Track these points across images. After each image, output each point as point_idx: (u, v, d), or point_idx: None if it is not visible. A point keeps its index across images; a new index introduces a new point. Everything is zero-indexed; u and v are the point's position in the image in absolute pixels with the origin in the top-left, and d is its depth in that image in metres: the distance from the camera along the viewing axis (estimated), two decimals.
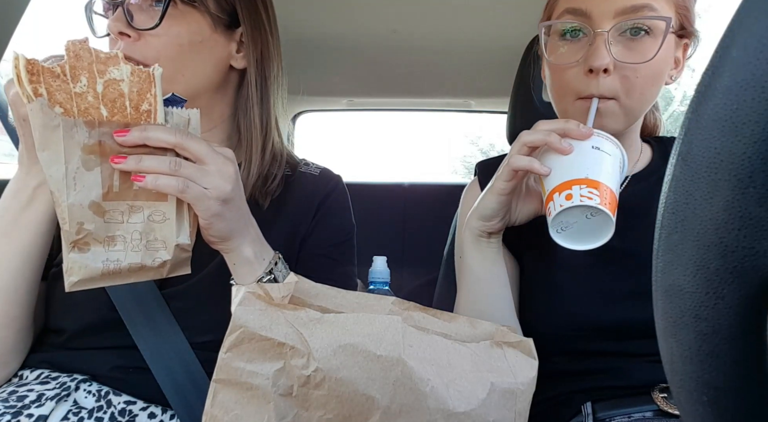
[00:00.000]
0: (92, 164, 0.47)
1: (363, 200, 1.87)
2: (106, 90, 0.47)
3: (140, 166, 0.48)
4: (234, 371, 0.38)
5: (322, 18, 1.22)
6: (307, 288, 0.48)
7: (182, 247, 0.52)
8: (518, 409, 0.46)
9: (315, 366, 0.38)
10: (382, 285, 0.86)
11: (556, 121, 0.58)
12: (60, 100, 0.45)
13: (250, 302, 0.40)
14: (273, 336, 0.38)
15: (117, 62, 0.47)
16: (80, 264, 0.47)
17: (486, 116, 2.03)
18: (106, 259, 0.49)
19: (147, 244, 0.50)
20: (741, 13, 0.20)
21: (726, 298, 0.21)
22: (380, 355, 0.40)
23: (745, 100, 0.19)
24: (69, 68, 0.45)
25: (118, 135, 0.48)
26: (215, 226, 0.53)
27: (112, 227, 0.49)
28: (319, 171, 0.80)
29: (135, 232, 0.50)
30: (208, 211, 0.51)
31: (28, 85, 0.44)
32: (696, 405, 0.24)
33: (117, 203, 0.49)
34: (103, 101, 0.47)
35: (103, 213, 0.48)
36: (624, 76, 0.60)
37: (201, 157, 0.51)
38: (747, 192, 0.19)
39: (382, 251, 0.92)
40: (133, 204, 0.50)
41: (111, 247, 0.49)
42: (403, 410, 0.40)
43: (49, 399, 0.59)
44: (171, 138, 0.49)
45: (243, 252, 0.56)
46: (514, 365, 0.47)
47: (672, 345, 0.23)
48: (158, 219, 0.51)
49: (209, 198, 0.51)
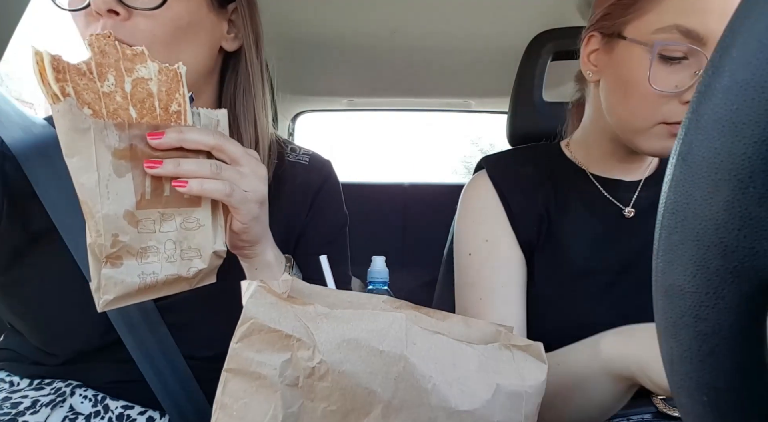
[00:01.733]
0: (124, 169, 0.43)
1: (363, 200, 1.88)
2: (134, 89, 0.44)
3: (179, 170, 0.45)
4: (244, 360, 0.39)
5: (322, 18, 1.22)
6: (300, 288, 0.48)
7: (218, 254, 0.49)
8: (526, 412, 0.46)
9: (319, 359, 0.39)
10: (381, 285, 0.87)
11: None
12: (88, 100, 0.42)
13: (261, 296, 0.40)
14: (281, 328, 0.39)
15: (144, 59, 0.44)
16: (115, 281, 0.44)
17: (486, 116, 2.03)
18: (142, 272, 0.45)
19: (182, 253, 0.47)
20: (741, 13, 0.20)
21: (726, 298, 0.21)
22: (383, 351, 0.40)
23: (745, 100, 0.19)
24: (95, 66, 0.42)
25: (152, 138, 0.44)
26: (252, 230, 0.50)
27: (145, 238, 0.45)
28: (308, 158, 0.74)
29: (168, 241, 0.47)
30: (250, 214, 0.49)
31: (55, 83, 0.40)
32: (696, 405, 0.24)
33: (149, 211, 0.45)
34: (131, 101, 0.44)
35: (136, 223, 0.45)
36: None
37: (238, 158, 0.48)
38: (747, 192, 0.19)
39: (381, 251, 0.93)
40: (165, 212, 0.46)
41: (144, 259, 0.45)
42: (404, 405, 0.41)
43: (44, 406, 0.57)
44: (210, 140, 0.46)
45: (266, 256, 0.54)
46: (523, 368, 0.47)
47: (672, 345, 0.23)
48: (191, 226, 0.48)
49: (250, 201, 0.49)
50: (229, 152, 0.48)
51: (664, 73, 0.56)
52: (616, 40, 0.61)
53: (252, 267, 0.55)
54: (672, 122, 0.57)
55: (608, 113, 0.65)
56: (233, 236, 0.51)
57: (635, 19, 0.58)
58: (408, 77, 1.61)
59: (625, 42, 0.59)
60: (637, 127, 0.60)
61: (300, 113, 2.04)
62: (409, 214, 1.91)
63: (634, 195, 0.68)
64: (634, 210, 0.67)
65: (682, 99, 0.56)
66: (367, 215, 1.88)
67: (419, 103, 1.95)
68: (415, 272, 1.72)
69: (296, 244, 0.71)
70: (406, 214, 1.91)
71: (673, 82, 0.56)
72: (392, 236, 1.89)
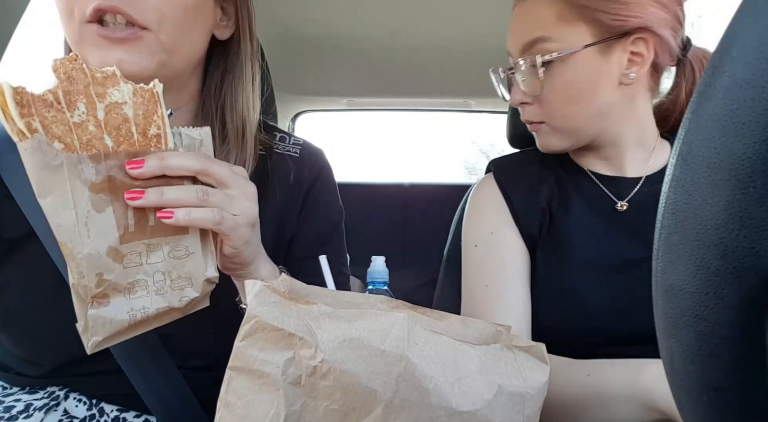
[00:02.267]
0: (103, 204, 0.40)
1: (363, 200, 1.88)
2: (108, 116, 0.40)
3: (164, 199, 0.42)
4: (247, 358, 0.39)
5: (322, 18, 1.22)
6: (298, 289, 0.48)
7: (210, 280, 0.47)
8: (527, 413, 0.46)
9: (321, 358, 0.39)
10: (381, 285, 0.87)
11: None
12: (58, 133, 0.38)
13: (265, 295, 0.41)
14: (284, 327, 0.39)
15: (116, 82, 0.40)
16: (104, 320, 0.41)
17: (486, 115, 2.03)
18: (131, 308, 0.43)
19: (171, 283, 0.45)
20: (741, 13, 0.20)
21: (726, 298, 0.21)
22: (384, 350, 0.40)
23: (745, 100, 0.19)
24: (63, 94, 0.38)
25: (131, 168, 0.41)
26: (244, 253, 0.47)
27: (132, 272, 0.42)
28: (298, 149, 0.69)
29: (157, 273, 0.44)
30: (241, 239, 0.46)
31: (20, 120, 0.36)
32: (696, 405, 0.24)
33: (134, 244, 0.42)
34: (106, 129, 0.40)
35: (121, 258, 0.42)
36: (545, 103, 0.67)
37: (225, 181, 0.45)
38: (747, 192, 0.19)
39: (381, 251, 0.93)
40: (151, 242, 0.43)
41: (132, 295, 0.43)
42: (405, 405, 0.41)
43: (37, 410, 0.56)
44: (194, 164, 0.43)
45: (259, 274, 0.52)
46: (525, 369, 0.47)
47: (672, 345, 0.23)
48: (180, 255, 0.45)
49: (240, 225, 0.45)
50: (216, 176, 0.44)
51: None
52: None
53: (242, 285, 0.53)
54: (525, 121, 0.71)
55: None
56: (224, 259, 0.48)
57: None
58: (408, 77, 1.62)
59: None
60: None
61: (300, 112, 2.04)
62: (409, 214, 1.91)
63: (633, 191, 0.70)
64: (627, 204, 0.70)
65: None
66: (367, 215, 1.88)
67: (419, 103, 1.95)
68: (415, 272, 1.72)
69: (289, 246, 0.68)
70: (406, 214, 1.92)
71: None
72: (392, 236, 1.89)
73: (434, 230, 1.39)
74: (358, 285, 1.26)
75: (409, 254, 1.85)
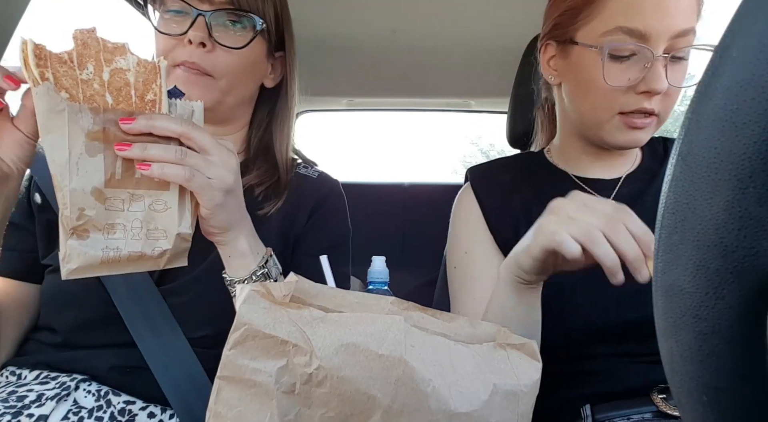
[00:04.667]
0: (95, 150, 0.47)
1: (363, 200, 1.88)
2: (112, 78, 0.47)
3: (145, 154, 0.48)
4: (238, 368, 0.38)
5: (323, 18, 1.22)
6: (306, 288, 0.47)
7: (183, 236, 0.52)
8: (521, 411, 0.46)
9: (317, 364, 0.38)
10: (381, 285, 0.86)
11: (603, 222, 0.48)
12: (66, 85, 0.45)
13: (254, 301, 0.40)
14: (276, 334, 0.38)
15: (124, 52, 0.47)
16: (79, 251, 0.47)
17: (486, 116, 2.03)
18: (106, 246, 0.48)
19: (147, 233, 0.50)
20: (741, 13, 0.20)
21: (726, 298, 0.21)
22: (382, 354, 0.40)
23: (745, 100, 0.19)
24: (76, 55, 0.45)
25: (123, 122, 0.47)
26: (216, 216, 0.53)
27: (113, 215, 0.48)
28: (317, 174, 0.81)
29: (135, 220, 0.49)
30: (212, 201, 0.52)
31: (35, 68, 0.43)
32: (696, 405, 0.24)
33: (119, 190, 0.48)
34: (108, 89, 0.47)
35: (104, 200, 0.48)
36: (667, 96, 0.64)
37: (206, 147, 0.51)
38: (747, 192, 0.19)
39: (381, 251, 0.92)
40: (135, 192, 0.49)
41: (111, 234, 0.48)
42: (404, 410, 0.40)
43: (49, 399, 0.59)
44: (177, 127, 0.49)
45: (238, 245, 0.57)
46: (517, 367, 0.47)
47: (672, 345, 0.23)
48: (160, 208, 0.51)
49: (213, 188, 0.51)
50: (197, 141, 0.51)
51: (616, 69, 0.63)
52: (570, 46, 0.67)
53: (226, 255, 0.58)
54: (628, 111, 0.63)
55: (572, 111, 0.70)
56: (202, 222, 0.55)
57: (583, 25, 0.65)
58: (408, 77, 1.61)
59: (578, 47, 0.66)
60: (598, 120, 0.66)
61: (300, 113, 2.04)
62: (409, 214, 1.91)
63: (613, 192, 0.71)
64: None
65: (636, 90, 0.62)
66: (367, 215, 1.88)
67: (419, 103, 1.95)
68: (415, 272, 1.72)
69: (294, 247, 0.74)
70: (406, 214, 1.91)
71: (626, 76, 0.62)
72: (392, 236, 1.89)
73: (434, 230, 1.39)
74: (359, 285, 1.26)
75: (409, 254, 1.85)
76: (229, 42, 0.65)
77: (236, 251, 0.57)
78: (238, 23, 0.66)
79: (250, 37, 0.66)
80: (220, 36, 0.64)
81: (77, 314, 0.65)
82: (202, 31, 0.63)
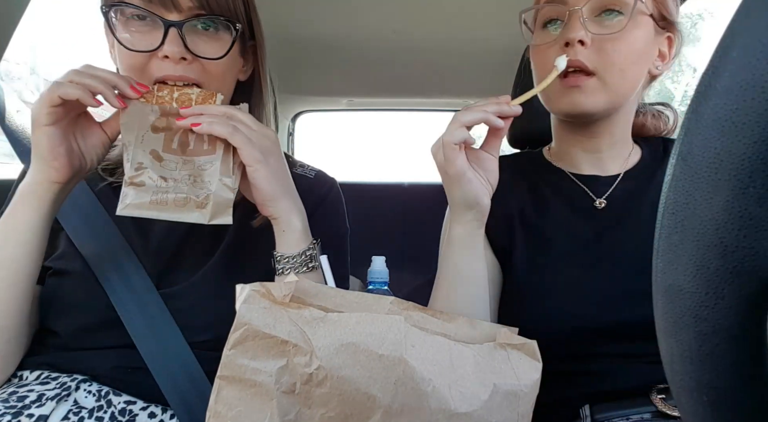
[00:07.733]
0: (159, 131, 0.59)
1: (363, 200, 1.88)
2: (179, 97, 0.61)
3: (199, 119, 0.57)
4: (238, 368, 0.38)
5: (323, 18, 1.22)
6: (307, 288, 0.47)
7: (225, 183, 0.58)
8: (521, 411, 0.46)
9: (317, 364, 0.38)
10: (381, 285, 0.86)
11: (490, 101, 0.61)
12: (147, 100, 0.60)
13: (254, 301, 0.40)
14: (276, 334, 0.38)
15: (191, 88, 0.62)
16: (133, 195, 0.56)
17: None
18: (155, 191, 0.56)
19: (194, 182, 0.58)
20: (741, 13, 0.20)
21: (726, 298, 0.21)
22: (382, 354, 0.40)
23: (745, 100, 0.19)
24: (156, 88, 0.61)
25: (182, 108, 0.59)
26: (260, 172, 0.57)
27: (166, 172, 0.58)
28: (314, 174, 0.80)
29: (185, 176, 0.58)
30: (252, 156, 0.57)
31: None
32: (696, 405, 0.24)
33: (173, 155, 0.59)
34: (175, 102, 0.61)
35: (160, 159, 0.58)
36: (601, 49, 0.63)
37: (246, 121, 0.59)
38: (747, 192, 0.19)
39: (381, 251, 0.92)
40: (186, 158, 0.59)
41: (162, 184, 0.57)
42: (404, 409, 0.40)
43: (49, 399, 0.59)
44: (221, 109, 0.59)
45: (292, 220, 0.61)
46: (518, 367, 0.47)
47: (672, 345, 0.23)
48: (206, 167, 0.59)
49: (254, 145, 0.57)
50: (239, 116, 0.59)
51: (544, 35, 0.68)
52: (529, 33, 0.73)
53: (280, 229, 0.61)
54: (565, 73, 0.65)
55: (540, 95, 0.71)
56: (253, 190, 0.59)
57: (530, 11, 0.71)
58: (408, 77, 1.61)
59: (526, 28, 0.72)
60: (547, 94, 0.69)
61: (300, 112, 2.04)
62: (409, 214, 1.91)
63: (611, 188, 0.72)
64: (606, 201, 0.71)
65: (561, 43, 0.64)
66: (367, 215, 1.88)
67: (419, 103, 1.95)
68: (415, 272, 1.71)
69: None
70: (406, 214, 1.91)
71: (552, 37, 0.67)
72: (392, 236, 1.89)
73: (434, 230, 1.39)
74: (359, 285, 1.26)
75: (409, 254, 1.85)
76: (208, 52, 0.63)
77: (291, 226, 0.61)
78: (212, 28, 0.63)
79: (228, 42, 0.64)
80: (197, 47, 0.62)
81: (78, 318, 0.65)
82: (178, 46, 0.60)
